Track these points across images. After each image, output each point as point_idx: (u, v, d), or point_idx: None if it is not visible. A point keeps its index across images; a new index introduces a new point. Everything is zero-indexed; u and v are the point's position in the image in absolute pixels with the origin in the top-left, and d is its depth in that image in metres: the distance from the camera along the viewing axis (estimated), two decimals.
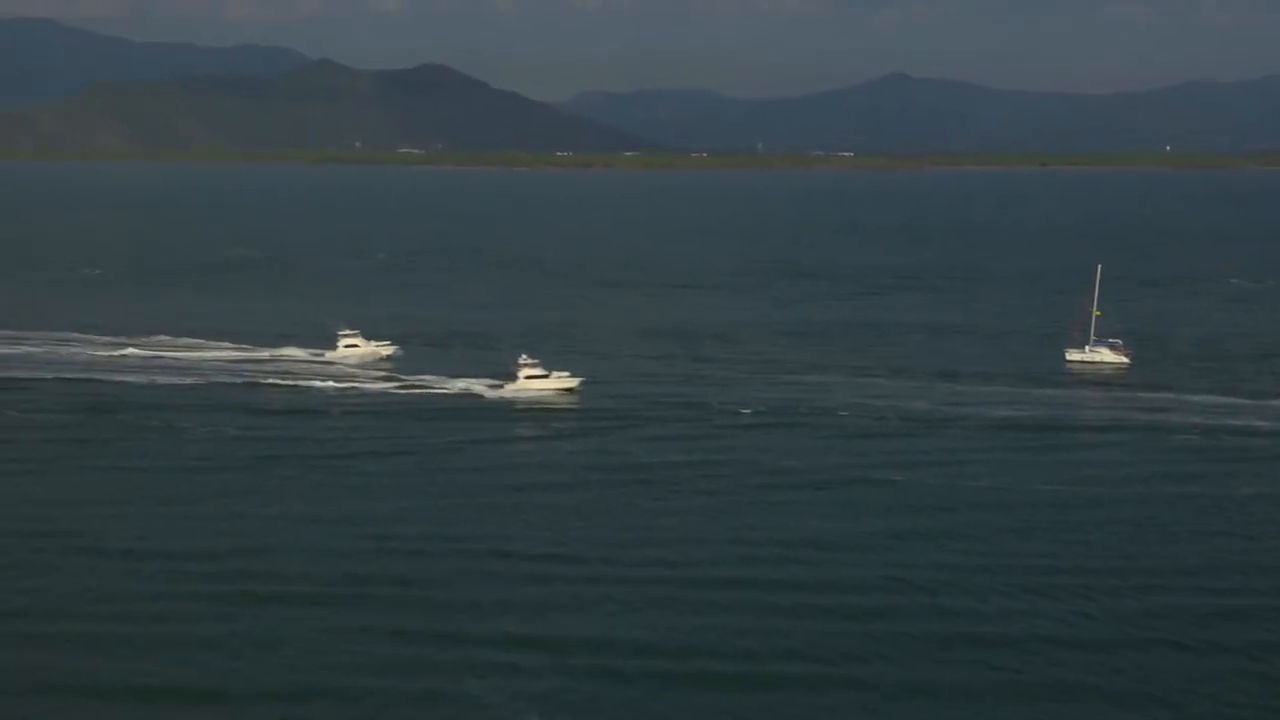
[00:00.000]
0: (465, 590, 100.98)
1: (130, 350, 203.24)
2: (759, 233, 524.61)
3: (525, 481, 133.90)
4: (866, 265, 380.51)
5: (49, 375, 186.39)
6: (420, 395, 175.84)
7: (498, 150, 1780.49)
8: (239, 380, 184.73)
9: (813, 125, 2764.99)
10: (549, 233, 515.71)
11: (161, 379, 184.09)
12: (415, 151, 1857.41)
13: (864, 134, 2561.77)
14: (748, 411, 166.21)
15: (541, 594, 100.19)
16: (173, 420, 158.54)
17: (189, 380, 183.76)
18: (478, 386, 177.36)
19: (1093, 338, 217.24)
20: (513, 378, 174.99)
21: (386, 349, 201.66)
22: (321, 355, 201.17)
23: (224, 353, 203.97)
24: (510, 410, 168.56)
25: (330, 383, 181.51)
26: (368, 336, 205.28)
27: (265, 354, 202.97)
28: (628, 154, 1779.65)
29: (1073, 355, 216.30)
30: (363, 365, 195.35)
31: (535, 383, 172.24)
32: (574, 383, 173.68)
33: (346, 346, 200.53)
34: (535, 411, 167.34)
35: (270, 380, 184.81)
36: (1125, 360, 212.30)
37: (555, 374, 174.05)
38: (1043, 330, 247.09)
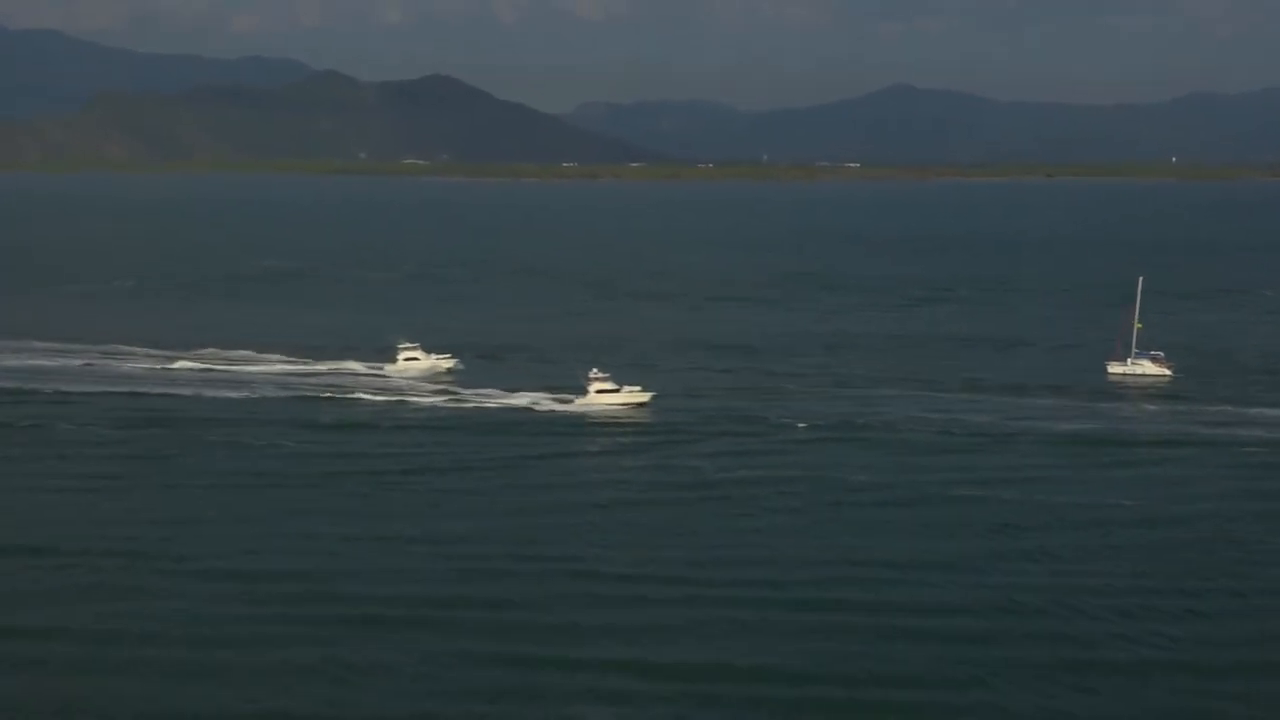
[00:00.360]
0: (562, 613, 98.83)
1: (182, 364, 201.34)
2: (779, 244, 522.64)
3: (603, 498, 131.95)
4: (894, 276, 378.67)
5: (102, 389, 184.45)
6: (488, 410, 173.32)
7: (502, 161, 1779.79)
8: (298, 394, 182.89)
9: (817, 136, 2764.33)
10: (571, 244, 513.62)
11: (219, 393, 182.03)
12: (420, 162, 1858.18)
13: (868, 145, 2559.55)
14: (803, 425, 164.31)
15: (641, 617, 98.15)
16: (235, 435, 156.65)
17: (247, 394, 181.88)
18: (546, 401, 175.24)
19: (1134, 350, 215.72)
20: (583, 391, 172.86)
21: (446, 362, 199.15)
22: (380, 369, 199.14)
23: (279, 366, 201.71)
24: (582, 425, 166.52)
25: (393, 397, 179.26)
26: (423, 349, 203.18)
27: (323, 367, 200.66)
28: (633, 165, 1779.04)
29: (1114, 368, 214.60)
30: (423, 379, 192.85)
31: (606, 397, 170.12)
32: (646, 397, 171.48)
33: (406, 360, 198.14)
34: (607, 426, 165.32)
35: (330, 394, 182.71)
36: (1167, 373, 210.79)
37: (627, 388, 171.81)
38: (1078, 342, 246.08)
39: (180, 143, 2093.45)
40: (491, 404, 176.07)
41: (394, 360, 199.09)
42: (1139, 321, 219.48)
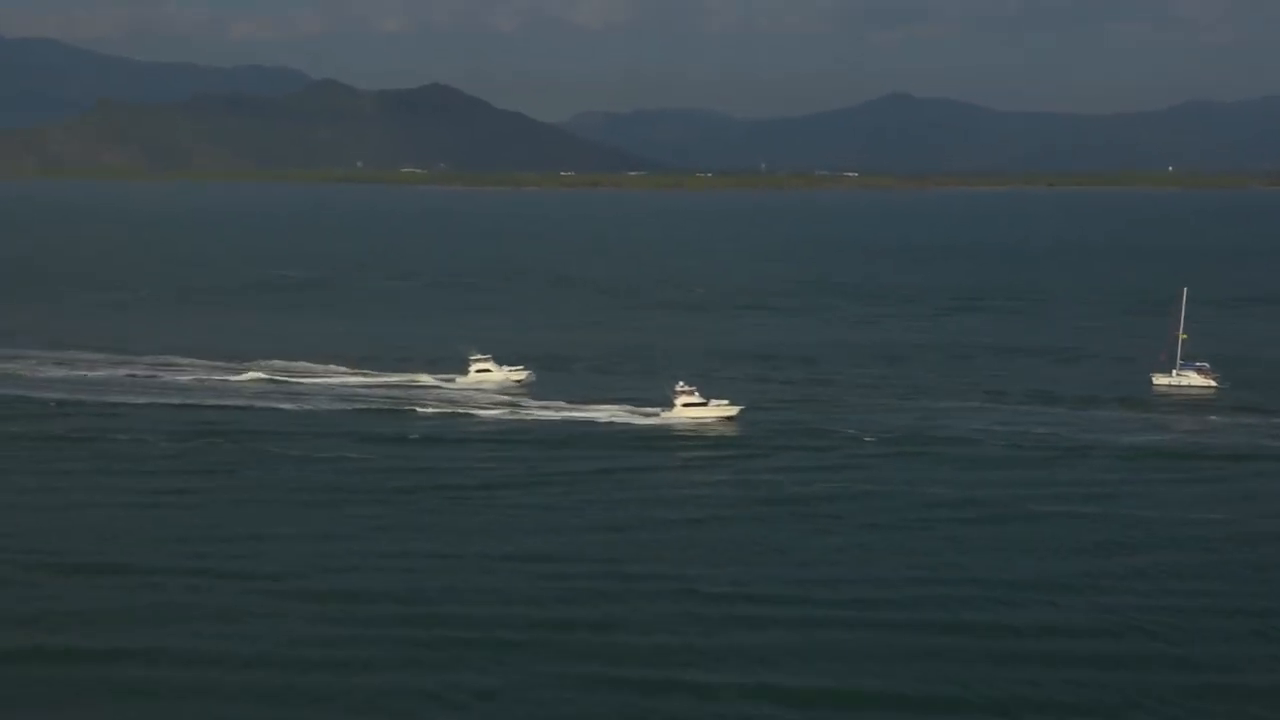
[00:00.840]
0: (674, 634, 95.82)
1: (249, 375, 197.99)
2: (796, 253, 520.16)
3: (696, 514, 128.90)
4: (916, 285, 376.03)
5: (163, 401, 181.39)
6: (572, 423, 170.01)
7: (500, 171, 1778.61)
8: (371, 407, 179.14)
9: (815, 145, 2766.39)
10: (587, 252, 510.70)
11: (289, 406, 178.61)
12: (418, 171, 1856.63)
13: (866, 153, 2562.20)
14: (871, 439, 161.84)
15: (757, 639, 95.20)
16: (311, 450, 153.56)
17: (316, 407, 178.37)
18: (631, 415, 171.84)
19: (1179, 361, 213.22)
20: (668, 405, 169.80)
21: (519, 374, 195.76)
22: (451, 380, 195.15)
23: (347, 378, 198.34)
24: (670, 439, 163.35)
25: (471, 410, 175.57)
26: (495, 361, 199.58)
27: (392, 379, 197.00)
28: (632, 174, 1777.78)
29: (1159, 380, 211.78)
30: (496, 391, 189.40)
31: (694, 410, 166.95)
32: (734, 411, 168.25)
33: (478, 371, 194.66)
34: (695, 440, 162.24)
35: (405, 407, 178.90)
36: (1213, 384, 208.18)
37: (714, 402, 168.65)
38: (1117, 352, 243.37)
39: (179, 151, 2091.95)
40: (575, 417, 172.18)
41: (465, 372, 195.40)
42: (1184, 333, 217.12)
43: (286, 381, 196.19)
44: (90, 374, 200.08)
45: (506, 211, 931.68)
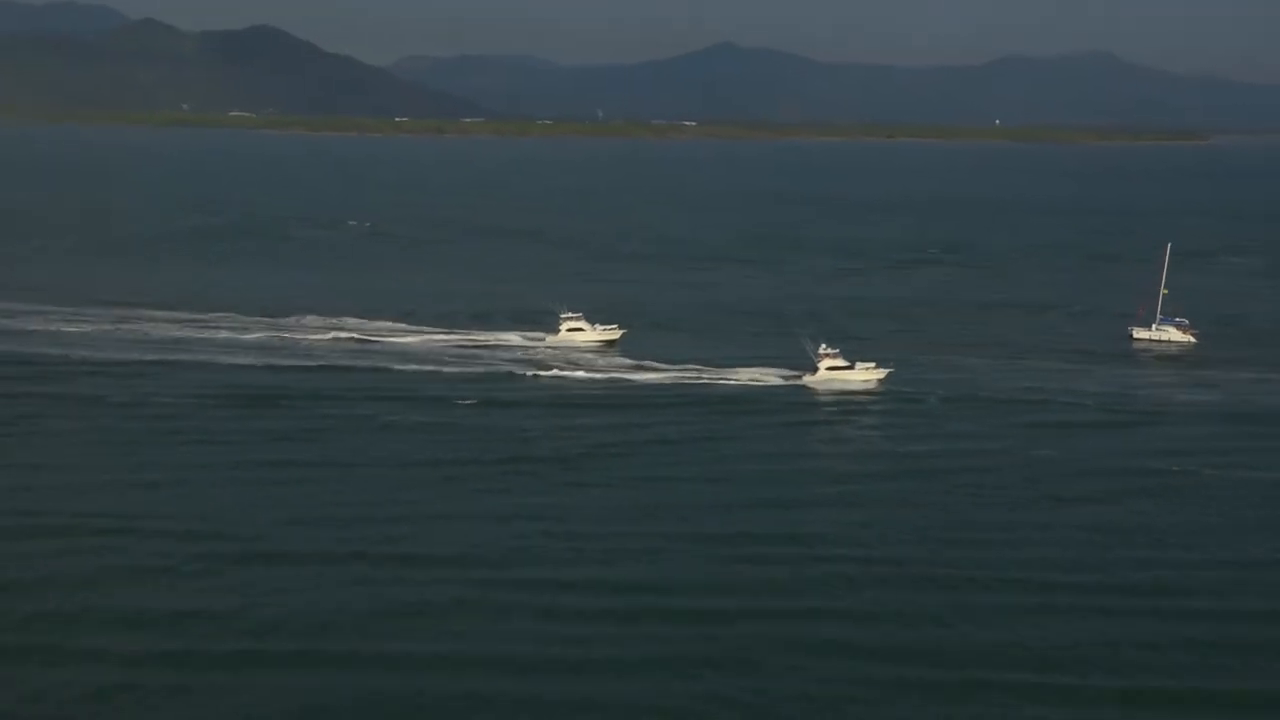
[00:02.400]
0: (946, 628, 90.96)
1: (335, 335, 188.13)
2: (714, 203, 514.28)
3: (885, 486, 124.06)
4: (855, 239, 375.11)
5: (240, 361, 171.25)
6: (714, 386, 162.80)
7: (330, 115, 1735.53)
8: (468, 369, 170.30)
9: (645, 93, 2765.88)
10: (507, 202, 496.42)
11: (379, 365, 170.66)
12: (248, 115, 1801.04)
13: (696, 103, 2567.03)
14: (935, 398, 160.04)
15: (1047, 635, 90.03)
16: (408, 415, 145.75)
17: (411, 367, 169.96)
18: (770, 376, 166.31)
19: (1159, 316, 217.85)
20: (811, 368, 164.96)
21: (612, 333, 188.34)
22: (541, 339, 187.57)
23: (430, 336, 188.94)
24: (818, 402, 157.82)
25: (583, 372, 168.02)
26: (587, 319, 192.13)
27: (479, 338, 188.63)
28: (467, 120, 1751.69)
29: (1140, 334, 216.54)
30: (592, 351, 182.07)
31: (840, 374, 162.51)
32: (881, 374, 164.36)
33: (570, 330, 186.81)
34: (846, 404, 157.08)
35: (508, 369, 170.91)
36: (1191, 340, 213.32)
37: (860, 365, 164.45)
38: (1082, 306, 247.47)
39: None
40: (714, 380, 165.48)
41: (555, 330, 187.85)
42: (1165, 288, 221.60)
43: (374, 340, 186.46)
44: (188, 335, 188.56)
45: (369, 157, 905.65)
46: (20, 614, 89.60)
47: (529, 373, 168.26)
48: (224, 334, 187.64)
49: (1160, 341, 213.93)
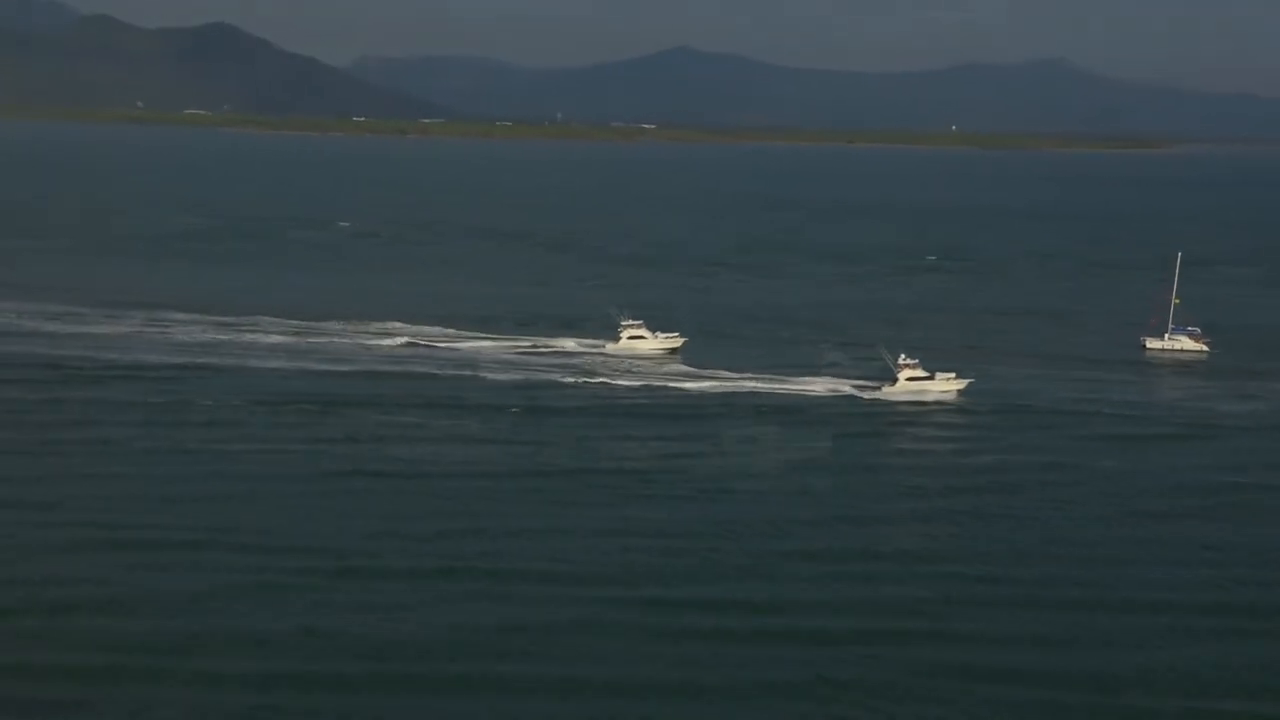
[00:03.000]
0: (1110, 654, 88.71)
1: (393, 341, 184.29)
2: (701, 207, 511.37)
3: (972, 500, 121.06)
4: (850, 244, 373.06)
5: (291, 366, 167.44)
6: (789, 397, 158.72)
7: (288, 114, 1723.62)
8: (530, 377, 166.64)
9: (602, 95, 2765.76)
10: (494, 204, 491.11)
11: (448, 372, 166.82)
12: (204, 113, 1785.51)
13: (655, 107, 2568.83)
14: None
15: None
16: (473, 428, 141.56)
17: (466, 373, 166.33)
18: (846, 387, 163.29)
19: (1170, 325, 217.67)
20: (890, 379, 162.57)
21: (673, 341, 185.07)
22: (601, 346, 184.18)
23: (485, 343, 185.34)
24: (898, 414, 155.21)
25: (648, 381, 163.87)
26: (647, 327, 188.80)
27: (531, 344, 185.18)
28: (425, 120, 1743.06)
29: (1152, 343, 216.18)
30: (654, 359, 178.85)
31: (919, 384, 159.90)
32: (961, 384, 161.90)
33: (630, 338, 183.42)
34: (925, 415, 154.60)
35: (570, 378, 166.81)
36: (1204, 349, 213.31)
37: (940, 375, 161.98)
38: (1087, 314, 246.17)
39: None
40: (788, 390, 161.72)
41: (616, 338, 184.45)
42: (1177, 297, 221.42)
43: (435, 347, 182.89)
44: (219, 337, 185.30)
45: (339, 157, 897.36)
46: (131, 634, 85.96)
47: (589, 380, 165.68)
48: (272, 338, 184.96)
49: (1174, 351, 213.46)
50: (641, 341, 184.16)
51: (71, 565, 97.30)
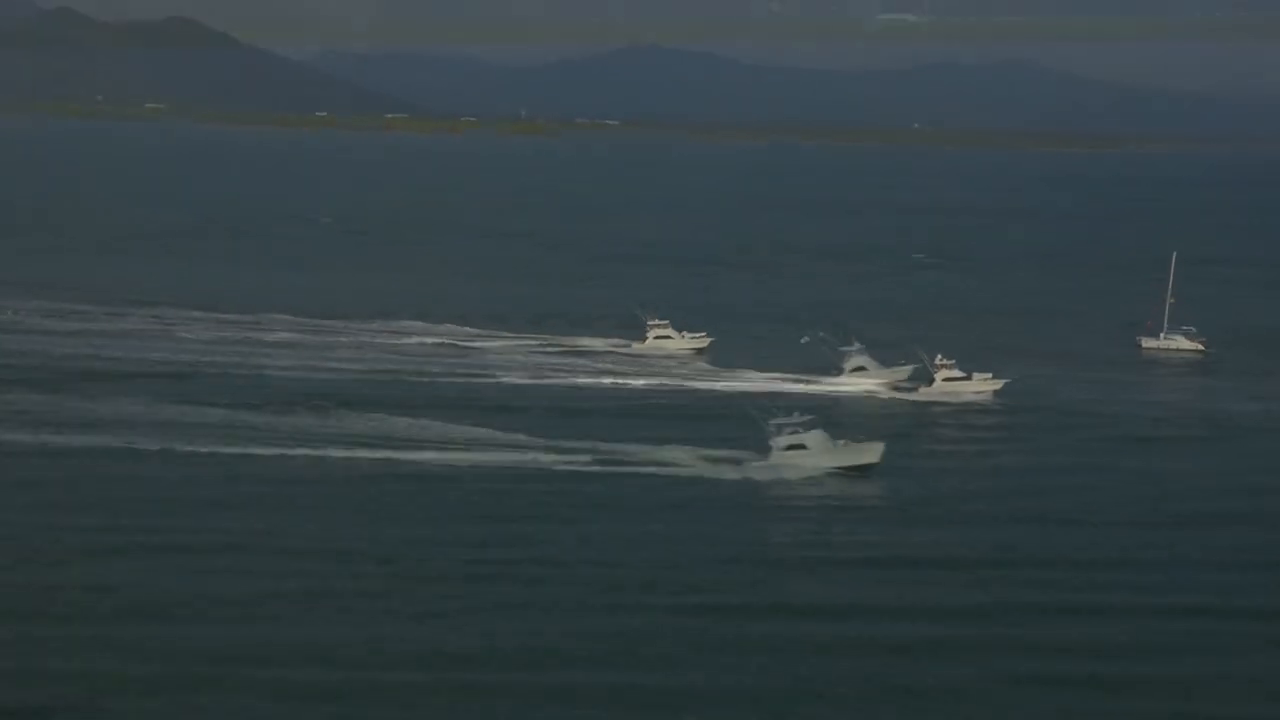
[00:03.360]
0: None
1: (418, 339, 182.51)
2: (695, 205, 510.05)
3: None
4: (842, 242, 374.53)
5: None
6: (824, 397, 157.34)
7: (251, 109, 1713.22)
8: (562, 378, 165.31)
9: (567, 91, 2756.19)
10: (485, 201, 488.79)
11: (475, 370, 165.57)
12: (163, 107, 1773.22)
13: (619, 102, 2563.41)
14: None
15: None
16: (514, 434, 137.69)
17: (498, 378, 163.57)
18: (881, 388, 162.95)
19: (1166, 325, 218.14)
20: (927, 380, 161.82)
21: (701, 341, 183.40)
22: (627, 346, 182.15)
23: (506, 341, 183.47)
24: (935, 413, 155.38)
25: (672, 381, 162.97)
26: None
27: (560, 344, 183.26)
28: (390, 116, 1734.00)
29: (1148, 343, 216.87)
30: (681, 360, 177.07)
31: (957, 385, 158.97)
32: (998, 385, 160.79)
33: (657, 338, 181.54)
34: (960, 414, 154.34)
35: (609, 381, 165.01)
36: (1200, 348, 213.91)
37: (977, 375, 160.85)
38: (1081, 314, 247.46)
39: None
40: (824, 391, 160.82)
41: (642, 338, 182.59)
42: (1172, 297, 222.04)
43: (459, 346, 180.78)
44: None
45: (306, 151, 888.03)
46: (190, 642, 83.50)
47: (624, 381, 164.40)
48: (280, 334, 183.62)
49: (1170, 350, 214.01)
50: (668, 341, 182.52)
51: (119, 571, 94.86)
